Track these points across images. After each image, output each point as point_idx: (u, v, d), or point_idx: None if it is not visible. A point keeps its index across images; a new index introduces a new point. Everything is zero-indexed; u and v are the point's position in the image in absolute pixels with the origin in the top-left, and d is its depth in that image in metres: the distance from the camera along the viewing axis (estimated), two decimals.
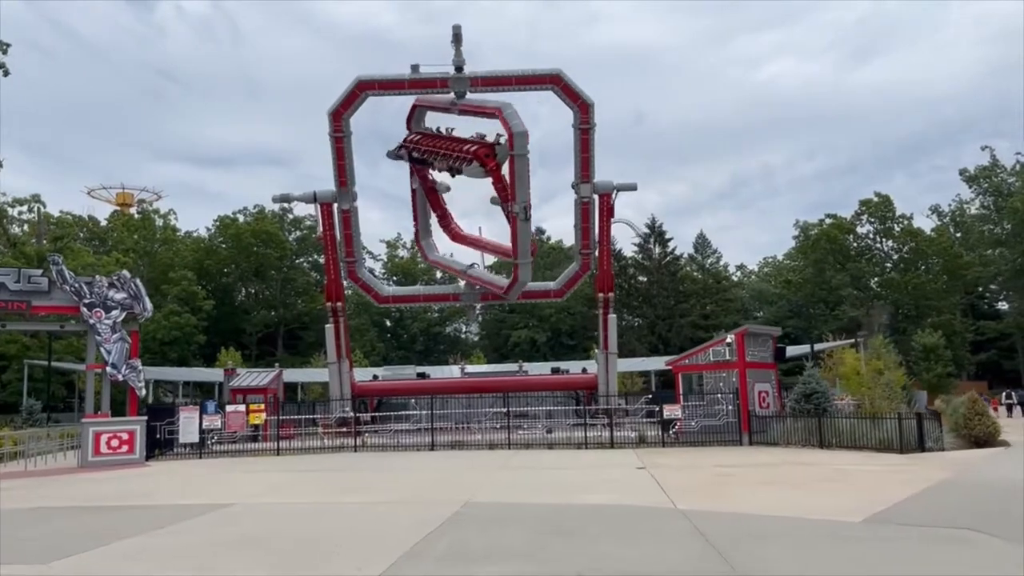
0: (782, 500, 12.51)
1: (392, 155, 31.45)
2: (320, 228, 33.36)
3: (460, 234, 35.38)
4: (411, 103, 31.08)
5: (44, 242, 54.35)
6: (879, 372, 26.24)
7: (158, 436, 24.42)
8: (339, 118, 29.18)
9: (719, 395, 24.47)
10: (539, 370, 41.49)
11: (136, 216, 76.41)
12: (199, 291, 63.31)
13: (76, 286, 24.34)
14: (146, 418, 24.01)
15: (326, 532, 10.54)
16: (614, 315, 32.61)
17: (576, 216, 31.09)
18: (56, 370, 47.15)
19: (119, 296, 24.79)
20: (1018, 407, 43.44)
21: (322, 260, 44.52)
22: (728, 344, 24.79)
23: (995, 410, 33.66)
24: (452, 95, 28.76)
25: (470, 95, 28.49)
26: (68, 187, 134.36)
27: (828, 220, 70.82)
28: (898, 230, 68.48)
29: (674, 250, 70.44)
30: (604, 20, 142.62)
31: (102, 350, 24.53)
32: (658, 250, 69.37)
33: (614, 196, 30.70)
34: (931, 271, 65.93)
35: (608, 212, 30.87)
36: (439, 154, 29.09)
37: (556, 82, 28.38)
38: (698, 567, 7.93)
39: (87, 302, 24.29)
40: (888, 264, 69.42)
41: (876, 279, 68.12)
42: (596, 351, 35.02)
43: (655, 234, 69.36)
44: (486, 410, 29.00)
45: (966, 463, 17.30)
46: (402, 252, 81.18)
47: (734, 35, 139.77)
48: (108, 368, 24.45)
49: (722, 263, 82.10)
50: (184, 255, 67.68)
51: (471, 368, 45.78)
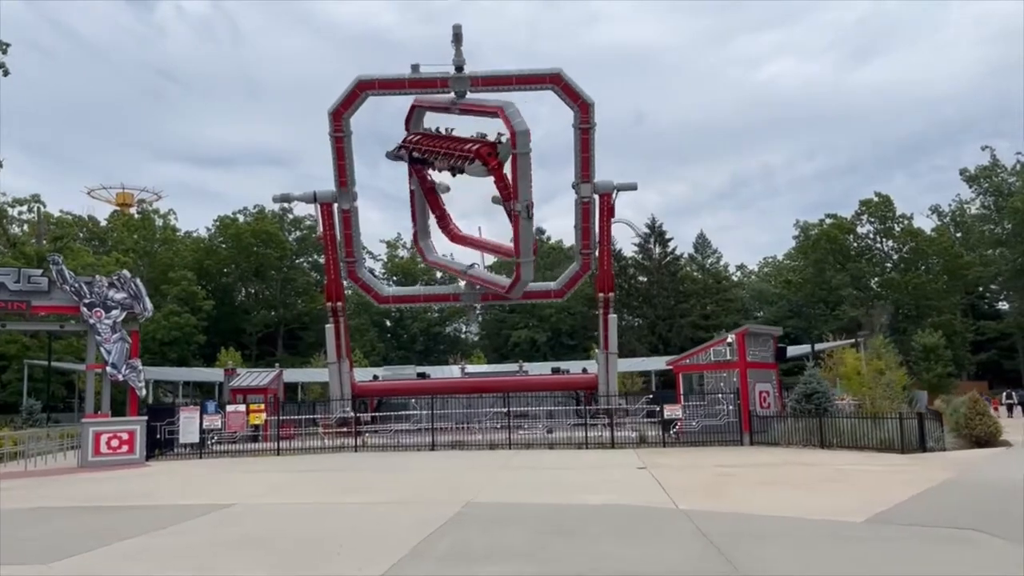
0: (783, 500, 12.50)
1: (392, 156, 31.42)
2: (320, 228, 33.32)
3: (459, 235, 35.38)
4: (410, 103, 31.10)
5: (44, 242, 54.33)
6: (880, 372, 26.26)
7: (158, 436, 24.39)
8: (339, 118, 29.18)
9: (720, 395, 24.42)
10: (539, 370, 41.45)
11: (136, 216, 76.46)
12: (199, 291, 63.36)
13: (76, 286, 24.32)
14: (146, 418, 23.99)
15: (327, 532, 10.52)
16: (614, 315, 32.57)
17: (576, 216, 31.08)
18: (56, 370, 47.15)
19: (119, 296, 24.78)
20: (1019, 407, 43.41)
21: (322, 260, 44.52)
22: (729, 344, 24.73)
23: (996, 410, 33.61)
24: (452, 95, 28.82)
25: (470, 95, 28.55)
26: (68, 187, 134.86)
27: (828, 220, 70.90)
28: (898, 230, 68.54)
29: (674, 250, 70.53)
30: (604, 20, 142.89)
31: (102, 350, 24.51)
32: (658, 250, 69.40)
33: (614, 196, 30.67)
34: (931, 271, 65.98)
35: (608, 212, 30.84)
36: (440, 154, 29.09)
37: (556, 82, 28.38)
38: (699, 567, 7.93)
39: (87, 302, 24.27)
40: (888, 264, 69.45)
41: (876, 279, 68.17)
42: (596, 351, 35.00)
43: (655, 234, 69.39)
44: (486, 410, 28.98)
45: (968, 463, 17.27)
46: (402, 252, 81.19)
47: (734, 35, 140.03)
48: (108, 368, 24.44)
49: (722, 263, 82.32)
50: (184, 255, 67.72)
51: (471, 368, 45.76)
